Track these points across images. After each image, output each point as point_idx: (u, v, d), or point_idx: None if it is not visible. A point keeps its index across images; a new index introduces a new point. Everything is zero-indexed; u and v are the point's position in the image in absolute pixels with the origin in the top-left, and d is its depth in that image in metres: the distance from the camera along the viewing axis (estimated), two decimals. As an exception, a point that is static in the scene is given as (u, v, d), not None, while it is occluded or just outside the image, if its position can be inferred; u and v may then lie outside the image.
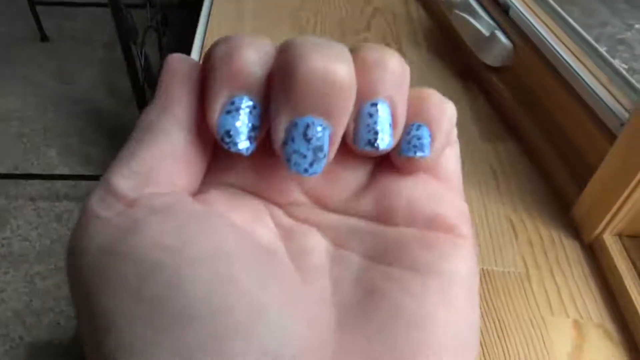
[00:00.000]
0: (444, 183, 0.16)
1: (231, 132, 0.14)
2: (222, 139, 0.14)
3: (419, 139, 0.15)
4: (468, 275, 0.14)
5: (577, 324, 0.39)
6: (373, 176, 0.16)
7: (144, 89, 0.90)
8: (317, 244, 0.15)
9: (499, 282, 0.41)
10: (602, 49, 0.49)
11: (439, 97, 0.15)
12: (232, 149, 0.14)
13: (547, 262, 0.43)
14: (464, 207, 0.16)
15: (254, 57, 0.14)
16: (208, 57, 0.14)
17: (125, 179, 0.13)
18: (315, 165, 0.14)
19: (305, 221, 0.16)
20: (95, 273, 0.12)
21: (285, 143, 0.14)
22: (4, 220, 1.15)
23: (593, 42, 0.49)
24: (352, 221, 0.15)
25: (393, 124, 0.15)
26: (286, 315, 0.12)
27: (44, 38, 1.61)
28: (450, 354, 0.13)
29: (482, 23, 0.57)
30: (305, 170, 0.14)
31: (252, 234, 0.14)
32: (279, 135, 0.14)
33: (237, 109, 0.14)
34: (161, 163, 0.14)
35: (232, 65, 0.14)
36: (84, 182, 1.23)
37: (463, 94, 0.58)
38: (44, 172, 1.26)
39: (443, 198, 0.15)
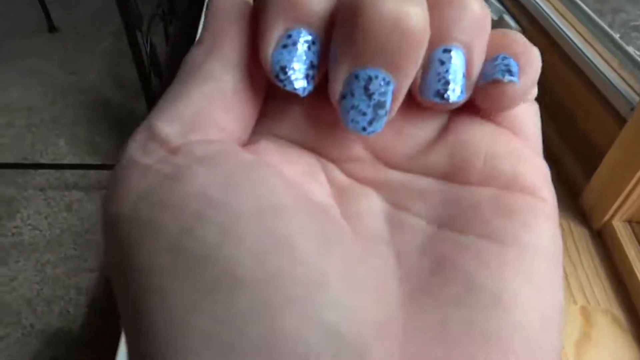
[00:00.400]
0: (524, 141, 0.14)
1: (287, 69, 0.12)
2: (277, 76, 0.12)
3: (506, 65, 0.13)
4: (551, 247, 0.13)
5: (585, 311, 0.39)
6: (446, 128, 0.14)
7: (150, 77, 0.90)
8: (375, 206, 0.14)
9: (505, 268, 0.41)
10: (616, 35, 0.48)
11: (526, 39, 0.14)
12: (288, 88, 0.12)
13: (555, 248, 0.42)
14: (545, 167, 0.14)
15: None
16: None
17: (169, 124, 0.12)
18: (375, 124, 0.12)
19: (363, 180, 0.14)
20: (134, 223, 0.11)
21: (343, 96, 0.12)
22: (14, 209, 1.16)
23: (603, 24, 0.48)
24: (419, 180, 0.14)
25: (467, 75, 0.13)
26: (348, 287, 0.11)
27: (52, 29, 1.61)
28: (536, 335, 0.11)
29: (490, 7, 0.56)
30: (364, 129, 0.12)
31: (306, 190, 0.13)
32: (337, 87, 0.12)
33: (294, 43, 0.12)
34: (209, 107, 0.12)
35: None
36: (92, 172, 1.24)
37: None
38: (53, 162, 1.27)
39: (524, 156, 0.13)
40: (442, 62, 0.13)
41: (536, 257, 0.12)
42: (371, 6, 0.11)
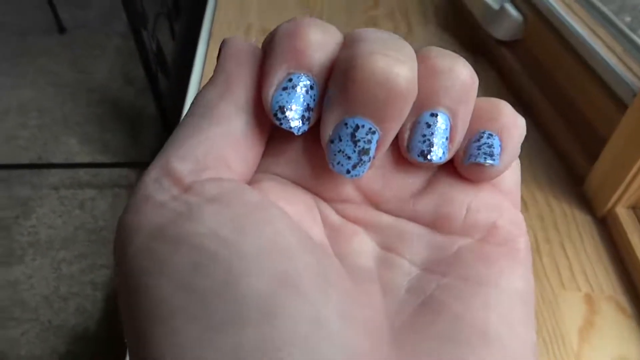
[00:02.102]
0: (505, 195, 0.15)
1: (285, 108, 0.13)
2: (275, 115, 0.13)
3: (489, 146, 0.14)
4: (525, 291, 0.14)
5: (588, 298, 0.39)
6: (432, 180, 0.15)
7: (157, 75, 0.91)
8: (365, 246, 0.15)
9: (508, 257, 0.41)
10: (626, 19, 0.48)
11: (511, 109, 0.15)
12: (284, 126, 0.13)
13: (558, 236, 0.42)
14: (521, 221, 0.15)
15: (318, 38, 0.13)
16: (271, 36, 0.14)
17: (183, 162, 0.13)
18: (358, 168, 0.13)
19: (354, 220, 0.15)
20: (146, 258, 0.12)
21: (332, 140, 0.13)
22: (30, 209, 1.18)
23: (606, 10, 0.48)
24: (405, 225, 0.15)
25: (450, 138, 0.14)
26: (345, 325, 0.11)
27: (61, 29, 1.63)
28: None
29: (491, -4, 0.56)
30: (348, 172, 0.13)
31: (305, 229, 0.14)
32: (327, 130, 0.13)
33: (294, 86, 0.13)
34: (220, 147, 0.13)
35: (295, 42, 0.13)
36: (104, 170, 1.26)
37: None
38: (65, 161, 1.28)
39: (503, 210, 0.15)
40: (428, 125, 0.14)
41: (513, 299, 0.13)
42: (365, 62, 0.12)
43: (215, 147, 0.13)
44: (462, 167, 0.15)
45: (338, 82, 0.13)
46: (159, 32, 0.94)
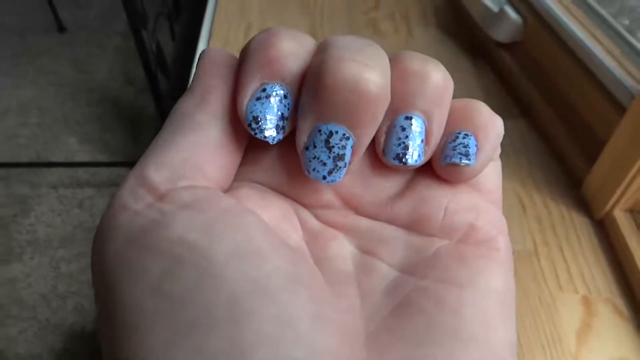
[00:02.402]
0: (484, 195, 0.15)
1: (259, 118, 0.13)
2: (250, 125, 0.13)
3: (465, 146, 0.14)
4: (503, 291, 0.14)
5: (586, 300, 0.39)
6: (410, 183, 0.15)
7: (156, 75, 0.91)
8: (343, 250, 0.15)
9: (506, 259, 0.41)
10: (624, 22, 0.48)
11: (488, 109, 0.15)
12: (258, 136, 0.13)
13: (556, 238, 0.42)
14: (501, 221, 0.15)
15: (291, 47, 0.14)
16: (246, 46, 0.14)
17: (158, 171, 0.13)
18: (334, 174, 0.14)
19: (333, 225, 0.15)
20: (119, 264, 0.12)
21: (307, 147, 0.13)
22: (28, 207, 1.18)
23: (604, 13, 0.48)
24: (384, 228, 0.15)
25: (426, 141, 0.14)
26: (316, 326, 0.12)
27: (61, 29, 1.63)
28: None
29: (491, -2, 0.56)
30: (324, 178, 0.14)
31: (281, 234, 0.14)
32: (302, 138, 0.13)
33: (268, 96, 0.13)
34: (196, 156, 0.13)
35: (267, 52, 0.13)
36: (103, 169, 1.26)
37: (472, 71, 0.58)
38: (65, 160, 1.28)
39: (481, 210, 0.15)
40: (403, 129, 0.14)
41: (490, 299, 0.13)
42: (336, 69, 0.13)
43: (192, 156, 0.13)
44: (439, 168, 0.15)
45: (310, 89, 0.13)
46: (158, 32, 0.94)
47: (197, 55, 0.58)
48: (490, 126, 0.15)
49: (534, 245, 0.42)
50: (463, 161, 0.14)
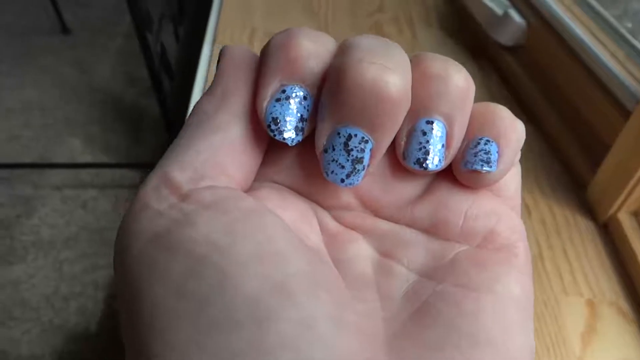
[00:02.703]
0: (504, 201, 0.15)
1: (278, 120, 0.13)
2: (269, 127, 0.13)
3: (486, 153, 0.14)
4: (522, 297, 0.14)
5: (590, 303, 0.39)
6: (431, 186, 0.15)
7: (160, 77, 0.91)
8: (362, 252, 0.15)
9: (511, 262, 0.41)
10: (627, 25, 0.48)
11: (509, 113, 0.15)
12: (277, 138, 0.13)
13: (560, 241, 0.43)
14: (521, 226, 0.15)
15: (311, 48, 0.13)
16: (266, 46, 0.14)
17: (181, 171, 0.13)
18: (352, 177, 0.14)
19: (352, 227, 0.15)
20: (142, 264, 0.12)
21: (325, 150, 0.13)
22: (32, 208, 1.19)
23: (609, 16, 0.48)
24: (403, 231, 0.15)
25: (447, 145, 0.14)
26: (336, 329, 0.12)
27: (65, 30, 1.63)
28: None
29: (495, 2, 0.57)
30: (342, 181, 0.14)
31: (301, 235, 0.14)
32: (321, 140, 0.13)
33: (287, 98, 0.13)
34: (217, 156, 0.13)
35: (288, 53, 0.13)
36: (106, 170, 1.26)
37: (477, 74, 0.58)
38: (68, 161, 1.29)
39: (501, 216, 0.15)
40: (424, 133, 0.14)
41: (508, 305, 0.13)
42: (355, 72, 0.12)
43: (214, 156, 0.13)
44: (459, 174, 0.15)
45: (329, 92, 0.13)
46: (162, 34, 0.95)
47: (202, 57, 0.58)
48: (511, 132, 0.14)
49: (539, 249, 0.42)
50: (484, 168, 0.14)
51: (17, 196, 1.21)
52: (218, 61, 0.15)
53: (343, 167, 0.13)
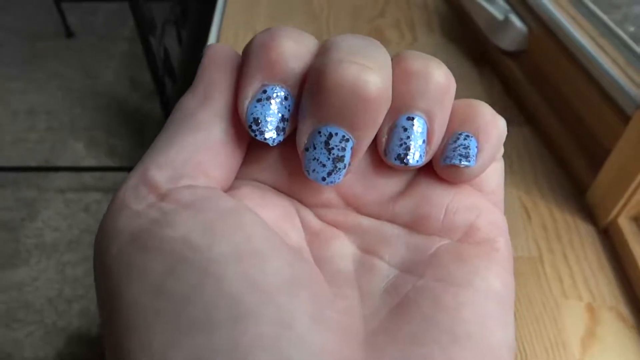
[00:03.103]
0: (486, 196, 0.15)
1: (259, 120, 0.13)
2: (250, 127, 0.13)
3: (465, 147, 0.14)
4: (502, 291, 0.14)
5: (590, 308, 0.39)
6: (412, 182, 0.15)
7: (164, 81, 0.92)
8: (344, 249, 0.15)
9: (511, 266, 0.41)
10: (629, 29, 0.48)
11: (490, 110, 0.15)
12: (259, 138, 0.13)
13: (560, 245, 0.43)
14: (502, 221, 0.15)
15: (292, 49, 0.13)
16: (248, 45, 0.14)
17: (161, 169, 0.13)
18: (333, 176, 0.14)
19: (334, 224, 0.15)
20: (121, 264, 0.12)
21: (307, 149, 0.13)
22: (35, 211, 1.19)
23: (609, 22, 0.48)
24: (384, 227, 0.15)
25: (427, 141, 0.14)
26: (315, 327, 0.12)
27: (69, 34, 1.65)
28: None
29: (496, 7, 0.57)
30: (323, 179, 0.14)
31: (282, 234, 0.14)
32: (302, 139, 0.13)
33: (268, 98, 0.13)
34: (198, 155, 0.13)
35: (268, 54, 0.13)
36: (110, 173, 1.27)
37: (478, 79, 0.58)
38: (72, 165, 1.29)
39: (482, 210, 0.15)
40: (405, 129, 0.14)
41: (488, 299, 0.13)
42: (335, 72, 0.13)
43: (194, 155, 0.13)
44: (439, 168, 0.15)
45: (310, 92, 0.13)
46: (165, 38, 0.95)
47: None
48: (491, 127, 0.15)
49: (539, 252, 0.42)
50: (463, 163, 0.14)
51: (21, 199, 1.21)
52: (201, 59, 0.15)
53: (324, 165, 0.13)
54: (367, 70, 0.13)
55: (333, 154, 0.13)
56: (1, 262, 1.09)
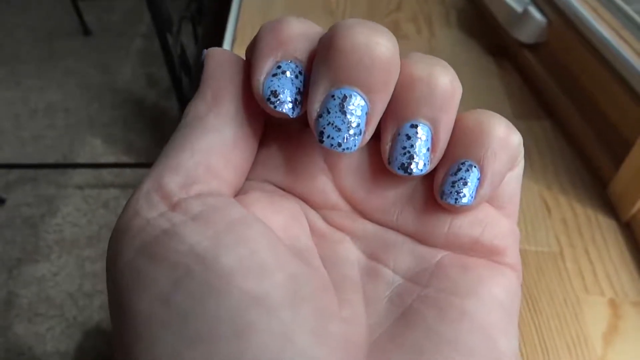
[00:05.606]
0: (497, 209, 0.15)
1: (277, 92, 0.13)
2: (268, 99, 0.13)
3: (465, 183, 0.14)
4: (506, 301, 0.13)
5: (612, 303, 0.38)
6: (416, 191, 0.15)
7: (181, 78, 0.92)
8: (350, 253, 0.15)
9: (532, 260, 0.41)
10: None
11: (502, 127, 0.14)
12: (278, 109, 0.13)
13: (582, 240, 0.42)
14: (511, 232, 0.15)
15: (302, 29, 0.14)
16: (257, 34, 0.14)
17: (174, 175, 0.13)
18: (349, 141, 0.13)
19: (340, 227, 0.15)
20: (130, 272, 0.12)
21: (320, 115, 0.13)
22: (55, 207, 1.21)
23: (631, 12, 0.47)
24: (390, 234, 0.15)
25: (432, 148, 0.14)
26: (317, 341, 0.11)
27: (86, 32, 1.66)
28: None
29: (515, -1, 0.56)
30: (339, 145, 0.13)
31: (291, 237, 0.14)
32: (315, 106, 0.13)
33: (284, 72, 0.13)
34: (210, 157, 0.13)
35: (279, 34, 0.14)
36: (128, 170, 1.28)
37: (497, 72, 0.57)
38: (90, 161, 1.31)
39: (487, 224, 0.14)
40: (409, 137, 0.14)
41: (492, 309, 0.13)
42: (347, 35, 0.13)
43: (206, 158, 0.13)
44: (437, 198, 0.14)
45: (322, 58, 0.13)
46: (181, 35, 0.96)
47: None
48: (500, 149, 0.14)
49: (560, 247, 0.42)
50: (459, 203, 0.14)
51: (41, 195, 1.23)
52: (203, 63, 0.15)
53: (339, 129, 0.13)
54: (378, 34, 0.13)
55: (348, 117, 0.13)
56: (22, 258, 1.11)
